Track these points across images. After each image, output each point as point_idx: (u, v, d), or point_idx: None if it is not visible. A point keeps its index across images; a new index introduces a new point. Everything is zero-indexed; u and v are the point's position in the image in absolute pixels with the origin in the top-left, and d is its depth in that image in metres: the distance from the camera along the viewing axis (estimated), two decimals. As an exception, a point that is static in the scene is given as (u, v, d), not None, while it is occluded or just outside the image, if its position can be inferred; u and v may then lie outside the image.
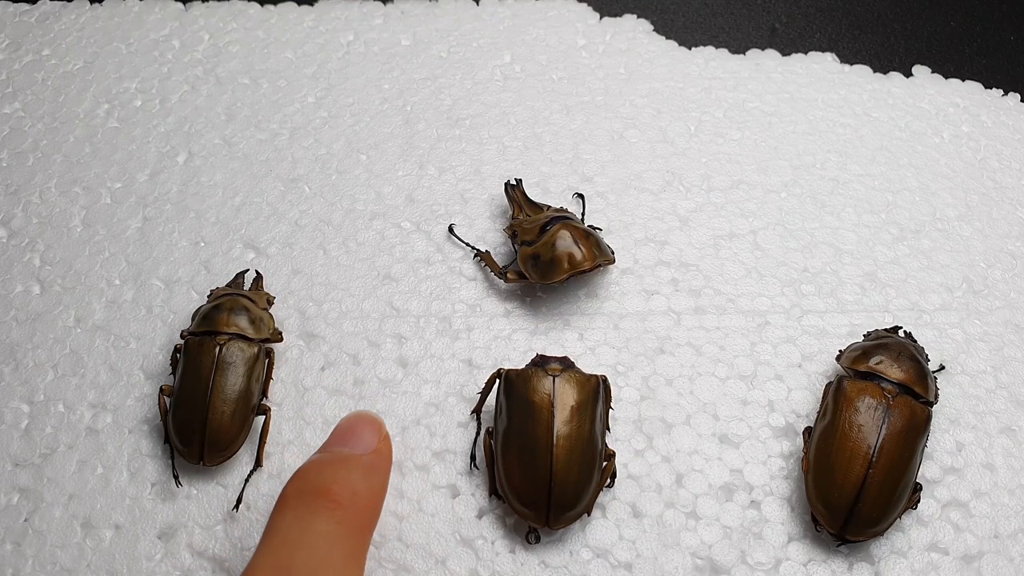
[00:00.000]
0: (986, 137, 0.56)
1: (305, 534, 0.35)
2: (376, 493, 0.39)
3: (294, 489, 0.37)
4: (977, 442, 0.45)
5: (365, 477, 0.38)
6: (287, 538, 0.35)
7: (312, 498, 0.36)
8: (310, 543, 0.35)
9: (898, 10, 0.65)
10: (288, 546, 0.35)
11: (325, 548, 0.35)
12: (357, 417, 0.41)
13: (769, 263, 0.51)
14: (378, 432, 0.40)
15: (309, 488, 0.37)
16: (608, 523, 0.42)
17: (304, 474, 0.38)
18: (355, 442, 0.39)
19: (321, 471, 0.38)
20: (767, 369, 0.47)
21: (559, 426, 0.41)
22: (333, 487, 0.37)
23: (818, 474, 0.42)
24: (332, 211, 0.52)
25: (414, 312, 0.49)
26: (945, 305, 0.49)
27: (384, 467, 0.40)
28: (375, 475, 0.39)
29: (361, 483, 0.37)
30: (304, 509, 0.36)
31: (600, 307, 0.49)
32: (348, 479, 0.37)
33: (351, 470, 0.38)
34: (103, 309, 0.49)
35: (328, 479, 0.37)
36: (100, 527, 0.43)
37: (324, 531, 0.35)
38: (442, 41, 0.61)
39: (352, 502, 0.36)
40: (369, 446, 0.39)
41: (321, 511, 0.36)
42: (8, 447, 0.45)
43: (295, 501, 0.36)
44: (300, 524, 0.35)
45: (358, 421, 0.41)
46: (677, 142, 0.56)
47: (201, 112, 0.57)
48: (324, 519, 0.35)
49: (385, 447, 0.40)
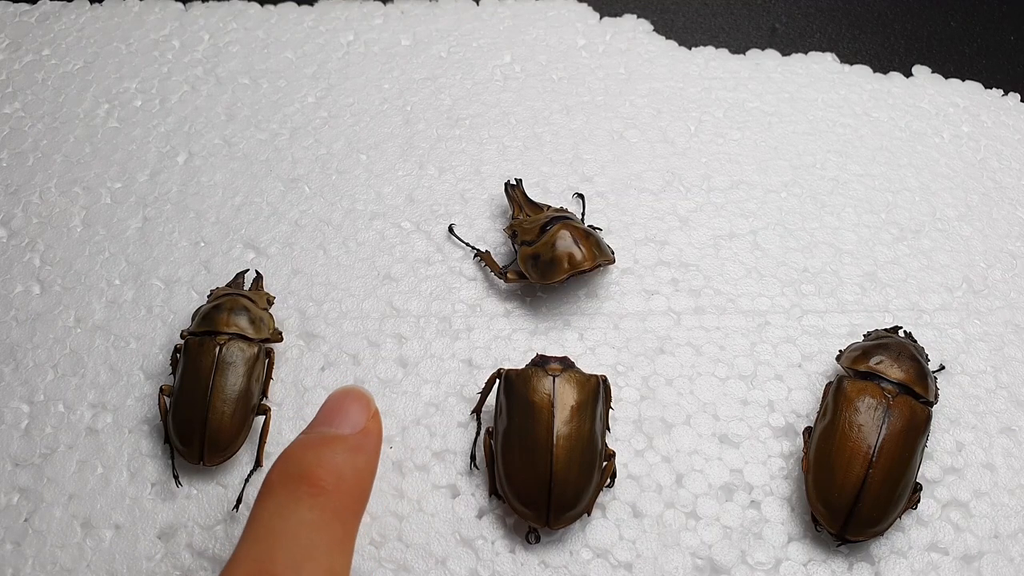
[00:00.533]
0: (986, 137, 0.56)
1: (287, 523, 0.33)
2: (363, 475, 0.37)
3: (277, 474, 0.35)
4: (977, 442, 0.45)
5: (351, 459, 0.36)
6: (269, 527, 0.34)
7: (295, 484, 0.35)
8: (292, 532, 0.33)
9: (898, 10, 0.65)
10: (270, 536, 0.33)
11: (308, 537, 0.33)
12: (344, 393, 0.39)
13: (769, 263, 0.51)
14: (366, 409, 0.38)
15: (292, 473, 0.35)
16: (608, 523, 0.42)
17: (287, 458, 0.36)
18: (342, 421, 0.37)
19: (304, 454, 0.36)
20: (767, 369, 0.47)
21: (559, 426, 0.41)
22: (316, 471, 0.35)
23: (818, 474, 0.42)
24: (332, 211, 0.52)
25: (414, 312, 0.49)
26: (945, 305, 0.49)
27: (372, 447, 0.38)
28: (362, 456, 0.37)
29: (347, 465, 0.36)
30: (286, 496, 0.34)
31: (600, 307, 0.49)
32: (333, 462, 0.35)
33: (336, 452, 0.36)
34: (103, 309, 0.49)
35: (311, 462, 0.35)
36: (100, 527, 0.43)
37: (307, 519, 0.34)
38: (442, 41, 0.61)
39: (337, 487, 0.35)
40: (357, 424, 0.37)
41: (304, 497, 0.34)
42: (8, 447, 0.45)
43: (278, 487, 0.35)
44: (282, 512, 0.34)
45: (345, 398, 0.38)
46: (677, 142, 0.56)
47: (201, 112, 0.57)
48: (307, 506, 0.34)
49: (374, 425, 0.38)
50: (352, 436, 0.37)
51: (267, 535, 0.33)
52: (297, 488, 0.34)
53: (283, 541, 0.33)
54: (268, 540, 0.33)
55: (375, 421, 0.38)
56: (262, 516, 0.34)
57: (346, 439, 0.37)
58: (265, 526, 0.34)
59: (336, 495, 0.35)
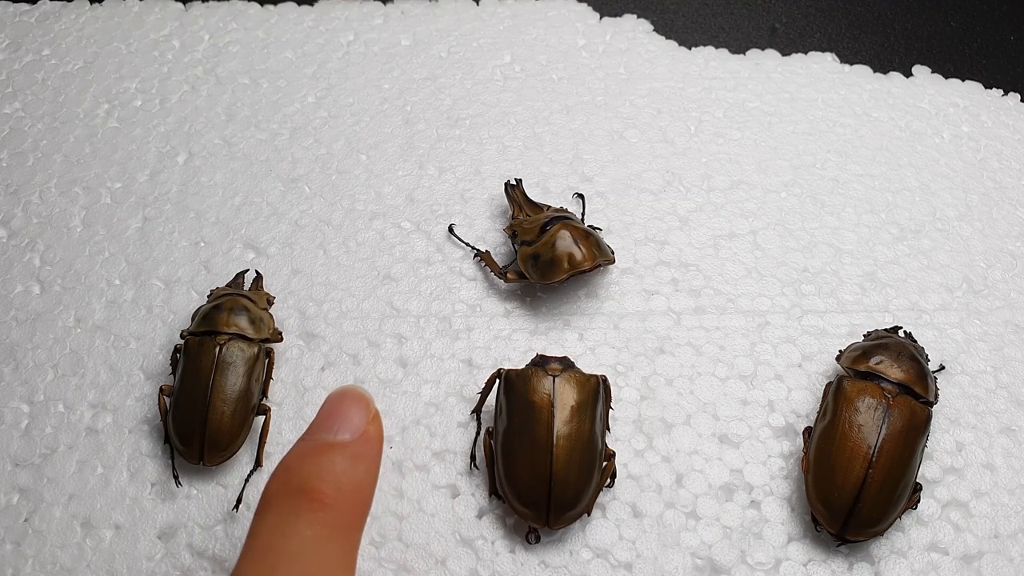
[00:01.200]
0: (986, 137, 0.56)
1: (288, 542, 0.32)
2: (365, 485, 0.35)
3: (276, 486, 0.34)
4: (977, 442, 0.45)
5: (352, 468, 0.34)
6: (270, 545, 0.32)
7: (294, 498, 0.33)
8: (294, 552, 0.32)
9: (898, 10, 0.65)
10: (271, 554, 0.32)
11: (310, 556, 0.32)
12: (342, 395, 0.37)
13: (769, 263, 0.51)
14: (366, 411, 0.36)
15: (292, 485, 0.34)
16: (608, 523, 0.42)
17: (286, 468, 0.34)
18: (341, 425, 0.36)
19: (304, 465, 0.34)
20: (767, 369, 0.47)
21: (559, 426, 0.41)
22: (316, 484, 0.33)
23: (818, 474, 0.42)
24: (332, 211, 0.52)
25: (414, 312, 0.49)
26: (945, 305, 0.49)
27: (373, 454, 0.36)
28: (363, 464, 0.35)
29: (347, 476, 0.34)
30: (286, 510, 0.33)
31: (600, 307, 0.49)
32: (333, 473, 0.34)
33: (336, 461, 0.34)
34: (103, 309, 0.49)
35: (311, 474, 0.34)
36: (100, 527, 0.43)
37: (308, 536, 0.32)
38: (442, 41, 0.61)
39: (337, 499, 0.33)
40: (357, 429, 0.35)
41: (304, 513, 0.33)
42: (8, 447, 0.45)
43: (277, 501, 0.34)
44: (283, 530, 0.33)
45: (345, 399, 0.37)
46: (677, 142, 0.56)
47: (201, 112, 0.57)
48: (307, 522, 0.33)
49: (374, 429, 0.36)
50: (352, 443, 0.35)
51: (267, 553, 0.32)
52: (297, 502, 0.33)
53: (284, 561, 0.32)
54: (269, 559, 0.32)
55: (375, 424, 0.37)
56: (262, 532, 0.33)
57: (346, 447, 0.35)
58: (265, 543, 0.33)
59: (336, 509, 0.33)
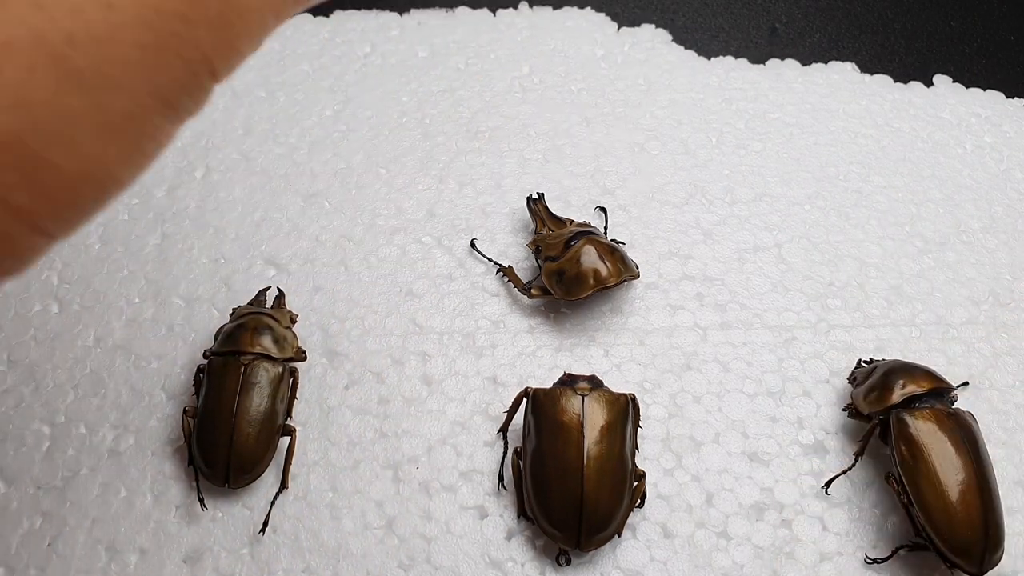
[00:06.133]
0: (1009, 147, 0.56)
1: None
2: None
3: None
4: (1008, 458, 0.44)
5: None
6: None
7: None
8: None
9: (919, 19, 0.65)
10: None
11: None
12: None
13: (794, 277, 0.50)
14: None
15: None
16: (639, 544, 0.42)
17: None
18: None
19: None
20: (795, 385, 0.46)
21: (589, 446, 0.41)
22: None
23: (940, 519, 0.40)
24: (353, 226, 0.52)
25: (437, 329, 0.48)
26: (972, 319, 0.49)
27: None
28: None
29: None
30: None
31: (625, 323, 0.48)
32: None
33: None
34: (123, 328, 0.48)
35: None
36: (125, 551, 0.42)
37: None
38: (459, 53, 0.60)
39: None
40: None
41: None
42: (30, 470, 0.44)
43: None
44: None
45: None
46: (699, 154, 0.55)
47: (218, 126, 0.57)
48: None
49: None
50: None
51: None
52: None
53: None
54: None
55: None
56: None
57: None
58: None
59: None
